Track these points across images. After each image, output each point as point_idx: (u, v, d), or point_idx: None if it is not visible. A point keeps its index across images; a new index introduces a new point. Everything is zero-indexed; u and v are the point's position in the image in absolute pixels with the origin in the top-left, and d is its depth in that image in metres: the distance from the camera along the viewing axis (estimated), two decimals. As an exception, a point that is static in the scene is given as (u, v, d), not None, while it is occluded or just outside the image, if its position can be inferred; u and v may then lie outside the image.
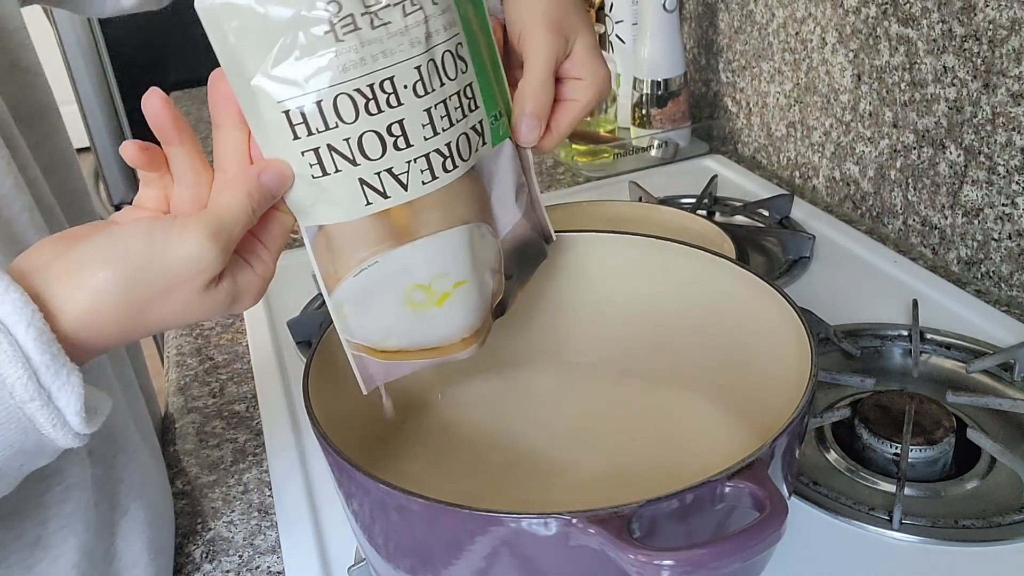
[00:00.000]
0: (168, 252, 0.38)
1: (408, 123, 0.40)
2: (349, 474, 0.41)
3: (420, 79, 0.40)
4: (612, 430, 0.57)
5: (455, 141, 0.42)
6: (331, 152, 0.40)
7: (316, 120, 0.39)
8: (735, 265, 0.55)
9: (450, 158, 0.42)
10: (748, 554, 0.35)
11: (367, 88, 0.39)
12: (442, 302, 0.44)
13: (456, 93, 0.42)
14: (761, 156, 1.09)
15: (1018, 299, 0.77)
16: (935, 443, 0.59)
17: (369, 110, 0.39)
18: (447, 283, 0.44)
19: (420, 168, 0.41)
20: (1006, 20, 0.70)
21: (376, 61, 0.39)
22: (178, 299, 0.39)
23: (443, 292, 0.44)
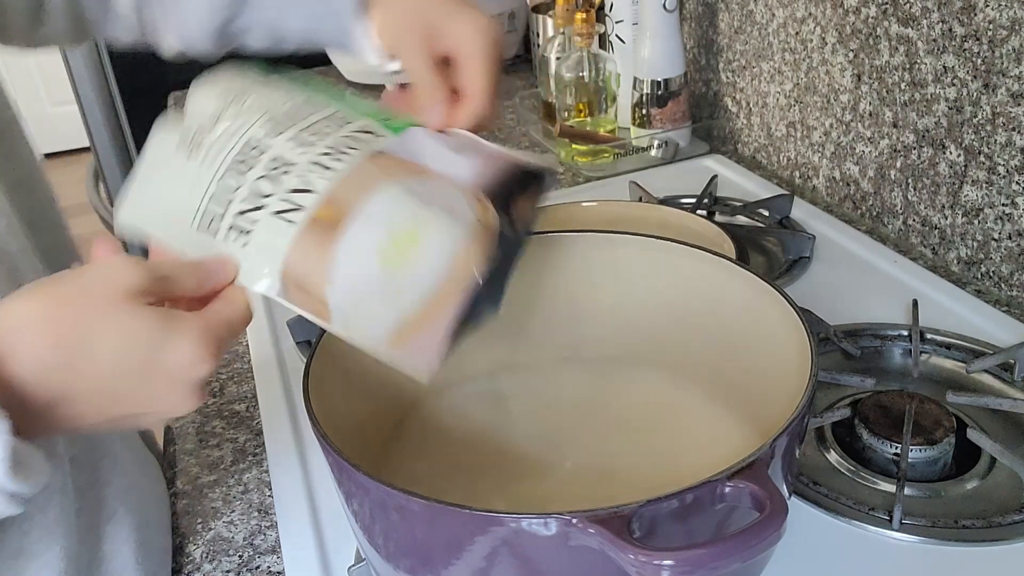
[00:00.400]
0: (91, 266, 0.40)
1: (282, 155, 0.46)
2: (349, 474, 0.41)
3: (274, 125, 0.47)
4: (612, 428, 0.58)
5: (337, 145, 0.47)
6: (242, 216, 0.44)
7: (216, 207, 0.45)
8: (735, 265, 0.55)
9: (337, 156, 0.46)
10: (748, 554, 0.35)
11: (234, 162, 0.46)
12: (417, 245, 0.44)
13: (320, 119, 0.49)
14: (761, 156, 1.09)
15: (1018, 299, 0.77)
16: (935, 443, 0.59)
17: (243, 170, 0.46)
18: (408, 227, 0.44)
19: (313, 172, 0.45)
20: (1006, 20, 0.70)
21: (231, 140, 0.47)
22: (96, 302, 0.39)
23: (409, 237, 0.44)
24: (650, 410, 0.59)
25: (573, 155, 1.12)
